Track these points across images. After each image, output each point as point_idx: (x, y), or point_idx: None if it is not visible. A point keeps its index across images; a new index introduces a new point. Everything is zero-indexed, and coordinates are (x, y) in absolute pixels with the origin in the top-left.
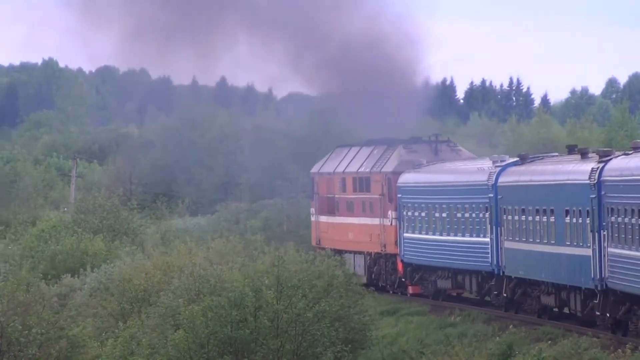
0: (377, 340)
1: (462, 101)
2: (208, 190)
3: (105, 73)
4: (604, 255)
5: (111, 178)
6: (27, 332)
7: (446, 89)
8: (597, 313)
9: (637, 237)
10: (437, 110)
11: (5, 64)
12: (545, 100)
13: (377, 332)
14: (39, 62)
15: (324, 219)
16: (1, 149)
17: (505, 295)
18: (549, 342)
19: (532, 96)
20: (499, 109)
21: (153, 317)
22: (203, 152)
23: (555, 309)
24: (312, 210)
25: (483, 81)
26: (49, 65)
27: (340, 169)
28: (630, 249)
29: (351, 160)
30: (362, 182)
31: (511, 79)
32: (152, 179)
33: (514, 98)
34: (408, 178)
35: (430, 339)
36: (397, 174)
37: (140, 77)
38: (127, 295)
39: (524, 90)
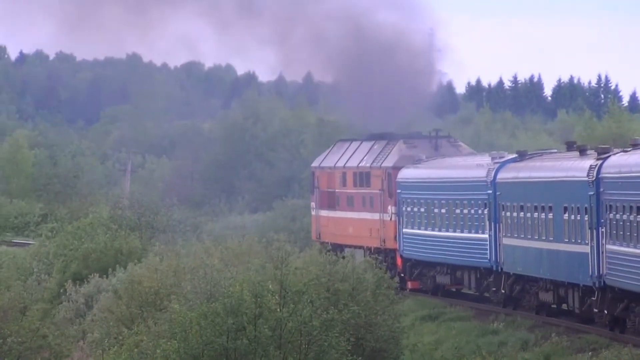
0: (411, 350)
1: (549, 98)
2: (270, 186)
3: (190, 68)
4: (602, 252)
5: (172, 174)
6: (1, 341)
7: (534, 86)
8: (595, 310)
9: (636, 234)
10: (524, 106)
11: (90, 58)
12: (634, 97)
13: (416, 339)
14: (124, 57)
15: (324, 213)
16: (69, 144)
17: (503, 291)
18: (590, 352)
19: (621, 93)
20: (587, 106)
21: (161, 323)
22: (265, 146)
23: (554, 306)
24: (313, 204)
25: (571, 78)
26: (133, 60)
27: (340, 164)
28: (628, 246)
29: (352, 155)
30: (362, 177)
31: (599, 76)
32: (213, 174)
33: (602, 95)
34: (407, 173)
35: (468, 347)
36: (397, 169)
37: (226, 73)
38: (136, 299)
39: (612, 87)
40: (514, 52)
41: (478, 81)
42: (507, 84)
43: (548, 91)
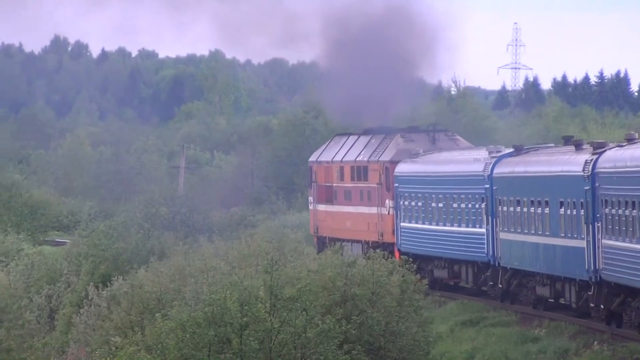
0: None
1: (636, 94)
2: None
3: (274, 65)
4: (598, 247)
5: (234, 171)
6: None
7: (620, 82)
8: (592, 305)
9: (631, 229)
10: (610, 102)
11: (172, 55)
12: None
13: (453, 346)
14: (206, 53)
15: (322, 207)
16: (135, 140)
17: (500, 285)
18: None
19: None
20: None
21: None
22: (325, 141)
23: (551, 300)
24: (310, 199)
25: None
26: (215, 57)
27: (338, 158)
28: (624, 241)
29: (349, 149)
30: (359, 171)
31: None
32: (273, 171)
33: None
34: (405, 167)
35: (508, 357)
36: (394, 163)
37: (310, 69)
38: (136, 305)
39: None
40: (600, 48)
41: (564, 77)
42: (593, 79)
43: (635, 87)
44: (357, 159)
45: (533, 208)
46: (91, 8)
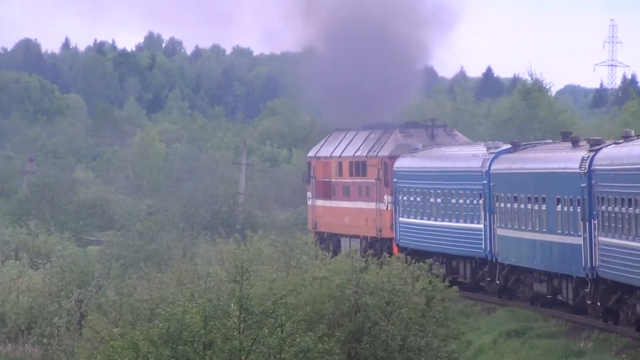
0: None
1: None
2: None
3: None
4: (595, 244)
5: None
6: None
7: None
8: (588, 302)
9: (627, 227)
10: None
11: (267, 52)
12: None
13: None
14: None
15: (320, 203)
16: (212, 137)
17: (498, 282)
18: None
19: None
20: None
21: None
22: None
23: (549, 296)
24: (309, 194)
25: None
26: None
27: (336, 153)
28: (620, 238)
29: (348, 145)
30: (358, 167)
31: None
32: None
33: None
34: (404, 163)
35: None
36: (393, 158)
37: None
38: (125, 316)
39: None
40: None
41: None
42: None
43: None
44: (356, 154)
45: (530, 204)
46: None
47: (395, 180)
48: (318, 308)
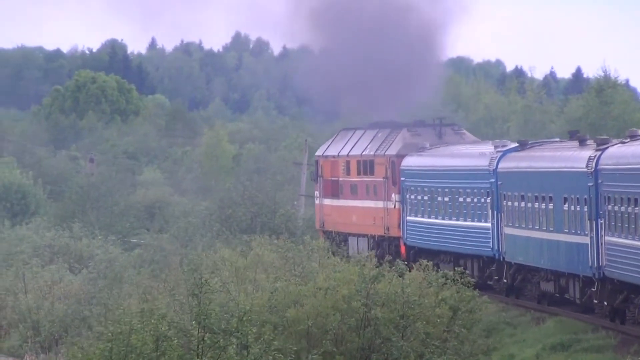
0: None
1: None
2: None
3: (456, 62)
4: (601, 244)
5: None
6: None
7: None
8: (595, 301)
9: (633, 226)
10: None
11: None
12: None
13: None
14: None
15: (327, 202)
16: (286, 137)
17: (505, 280)
18: None
19: None
20: None
21: None
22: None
23: (557, 295)
24: (316, 193)
25: None
26: None
27: (344, 152)
28: (626, 238)
29: (355, 143)
30: (366, 165)
31: None
32: None
33: None
34: (411, 161)
35: None
36: (400, 156)
37: (495, 67)
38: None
39: None
40: None
41: None
42: None
43: None
44: (364, 153)
45: (537, 203)
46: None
47: (402, 178)
48: (321, 322)
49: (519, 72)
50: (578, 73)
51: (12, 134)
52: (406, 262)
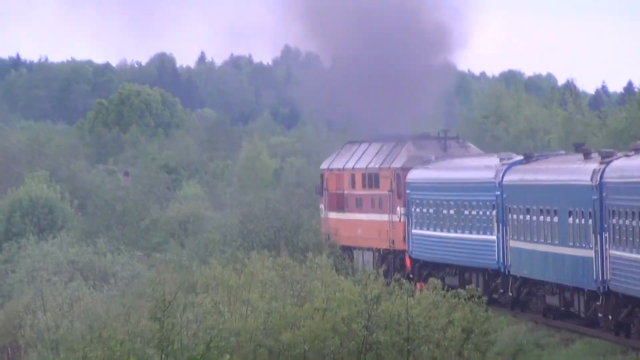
0: None
1: None
2: None
3: (508, 76)
4: (606, 257)
5: None
6: None
7: None
8: (600, 315)
9: (638, 240)
10: None
11: None
12: None
13: None
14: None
15: (333, 215)
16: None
17: (511, 294)
18: None
19: None
20: None
21: None
22: (508, 148)
23: (562, 308)
24: (322, 206)
25: None
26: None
27: (349, 165)
28: (631, 252)
29: (360, 157)
30: (371, 178)
31: None
32: None
33: None
34: (417, 174)
35: None
36: (405, 170)
37: (545, 81)
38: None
39: None
40: None
41: None
42: None
43: None
44: (369, 166)
45: (542, 216)
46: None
47: (408, 191)
48: (319, 345)
49: (569, 86)
50: (629, 87)
51: (48, 147)
52: (411, 276)
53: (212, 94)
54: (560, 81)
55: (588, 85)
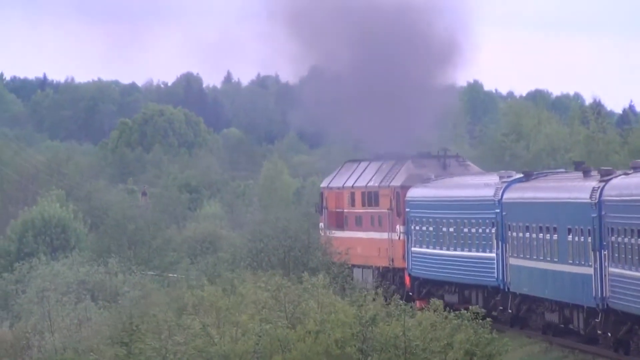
0: None
1: None
2: None
3: (535, 96)
4: (605, 275)
5: None
6: None
7: None
8: (599, 332)
9: (637, 258)
10: None
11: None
12: None
13: None
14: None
15: (332, 233)
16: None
17: (510, 311)
18: None
19: None
20: None
21: None
22: (527, 167)
23: (562, 325)
24: (321, 225)
25: None
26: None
27: (349, 184)
28: (630, 269)
29: (360, 175)
30: (370, 197)
31: None
32: None
33: None
34: (416, 192)
35: None
36: (405, 188)
37: (574, 100)
38: None
39: None
40: None
41: None
42: None
43: None
44: (368, 185)
45: (542, 234)
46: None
47: (407, 210)
48: None
49: (595, 105)
50: None
51: (66, 167)
52: (411, 294)
53: (238, 113)
54: (588, 101)
55: (616, 105)
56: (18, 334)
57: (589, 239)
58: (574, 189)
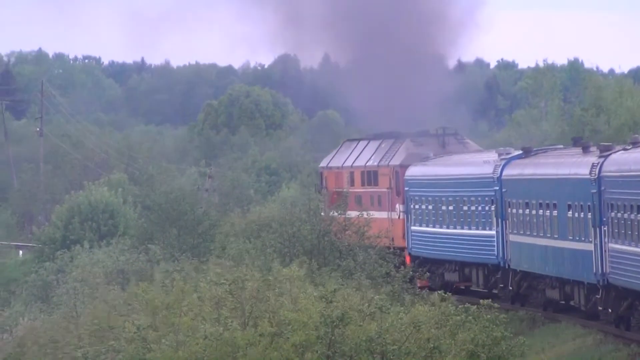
0: None
1: None
2: None
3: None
4: (605, 251)
5: None
6: None
7: None
8: (600, 308)
9: (637, 233)
10: None
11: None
12: None
13: None
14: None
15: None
16: None
17: (511, 288)
18: None
19: None
20: None
21: None
22: (606, 141)
23: (563, 302)
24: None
25: None
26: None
27: (348, 163)
28: (630, 245)
29: (359, 154)
30: (370, 176)
31: None
32: None
33: None
34: (415, 171)
35: None
36: (404, 167)
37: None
38: None
39: None
40: None
41: None
42: None
43: None
44: (367, 164)
45: (541, 210)
46: None
47: (406, 189)
48: None
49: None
50: None
51: (140, 150)
52: (411, 272)
53: (335, 95)
54: None
55: None
56: (47, 327)
57: (589, 215)
58: (574, 164)
